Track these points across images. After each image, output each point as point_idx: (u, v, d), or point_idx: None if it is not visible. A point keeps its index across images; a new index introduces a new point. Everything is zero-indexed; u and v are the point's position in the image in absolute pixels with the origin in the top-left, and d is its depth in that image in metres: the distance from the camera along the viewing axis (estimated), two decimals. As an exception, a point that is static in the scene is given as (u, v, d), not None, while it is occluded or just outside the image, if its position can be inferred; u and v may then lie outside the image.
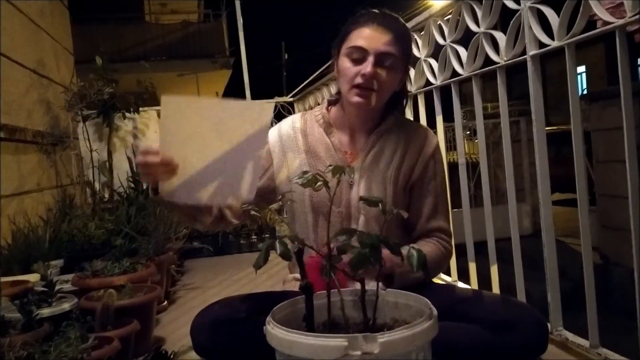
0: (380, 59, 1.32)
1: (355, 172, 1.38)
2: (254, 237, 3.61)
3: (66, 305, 1.53)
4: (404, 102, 1.54)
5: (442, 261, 1.42)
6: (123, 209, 2.69)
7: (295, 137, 1.46)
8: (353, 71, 1.34)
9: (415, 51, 2.14)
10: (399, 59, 1.35)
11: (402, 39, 1.36)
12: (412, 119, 2.24)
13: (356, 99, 1.35)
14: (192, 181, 1.20)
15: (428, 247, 1.37)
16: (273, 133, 1.50)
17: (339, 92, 1.46)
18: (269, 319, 0.92)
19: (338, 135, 1.45)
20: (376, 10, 1.39)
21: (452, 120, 2.05)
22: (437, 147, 1.46)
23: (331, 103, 1.49)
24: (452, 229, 1.48)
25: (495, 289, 1.86)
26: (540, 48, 1.48)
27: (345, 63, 1.36)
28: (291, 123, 1.50)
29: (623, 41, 1.26)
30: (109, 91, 3.27)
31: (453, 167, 2.16)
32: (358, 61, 1.34)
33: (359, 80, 1.33)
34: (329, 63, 1.44)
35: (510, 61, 1.60)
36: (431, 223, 1.41)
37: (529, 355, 1.27)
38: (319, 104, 1.52)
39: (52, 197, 3.14)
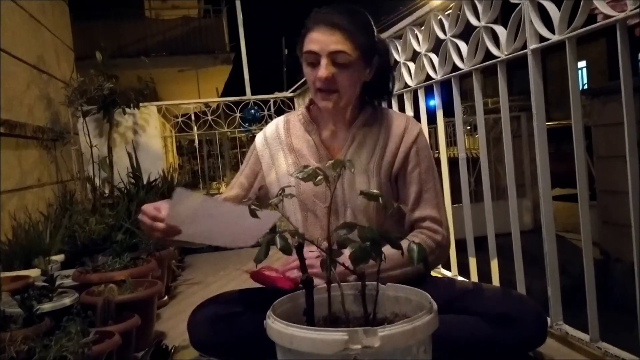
0: (334, 58, 1.32)
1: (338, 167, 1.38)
2: (254, 232, 3.61)
3: (67, 300, 1.53)
4: (388, 89, 1.53)
5: (431, 254, 1.35)
6: (123, 205, 2.69)
7: (280, 138, 1.50)
8: (312, 76, 1.36)
9: (415, 45, 2.14)
10: (354, 52, 1.33)
11: (354, 31, 1.33)
12: (412, 113, 2.24)
13: (321, 102, 1.38)
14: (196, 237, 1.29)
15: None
16: (259, 137, 1.54)
17: None
18: (269, 313, 0.92)
19: (319, 132, 1.47)
20: (325, 9, 1.38)
21: (453, 115, 2.05)
22: (420, 135, 1.44)
23: (312, 102, 1.51)
24: (446, 216, 1.43)
25: (496, 284, 1.86)
26: (541, 42, 1.48)
27: (305, 68, 1.39)
28: (275, 126, 1.54)
29: (624, 35, 1.25)
30: (109, 87, 3.27)
31: (453, 162, 2.16)
32: (314, 65, 1.35)
33: (318, 84, 1.35)
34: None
35: (510, 55, 1.60)
36: (417, 212, 1.39)
37: (529, 347, 1.28)
38: None
39: (53, 193, 3.14)
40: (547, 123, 1.54)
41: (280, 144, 1.49)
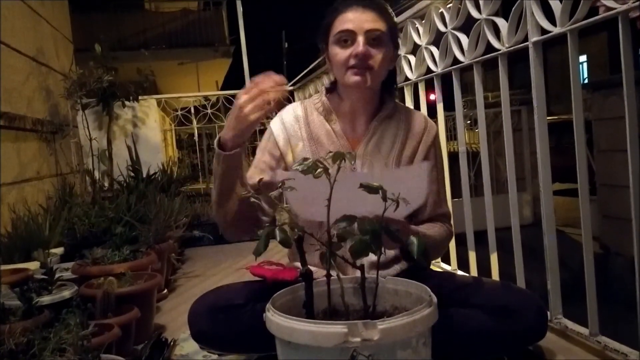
0: (369, 36, 1.33)
1: (358, 159, 1.39)
2: (254, 225, 3.61)
3: (66, 293, 1.53)
4: (396, 82, 1.55)
5: (446, 241, 1.48)
6: (123, 197, 2.69)
7: (298, 125, 1.46)
8: (345, 55, 1.35)
9: (416, 38, 2.13)
10: (387, 33, 1.36)
11: (385, 14, 1.37)
12: (412, 107, 2.23)
13: (353, 78, 1.35)
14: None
15: (435, 228, 1.42)
16: (277, 123, 1.48)
17: (334, 82, 1.46)
18: (268, 306, 0.92)
19: (338, 122, 1.44)
20: None
21: (453, 109, 2.04)
22: (437, 134, 1.49)
23: (329, 91, 1.49)
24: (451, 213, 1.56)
25: (495, 278, 1.86)
26: (542, 34, 1.47)
27: (335, 50, 1.37)
28: (292, 112, 1.49)
29: (626, 27, 1.24)
30: (109, 79, 3.26)
31: (454, 156, 2.15)
32: (348, 44, 1.35)
33: (352, 61, 1.34)
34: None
35: (512, 48, 1.59)
36: (437, 210, 1.45)
37: (529, 340, 1.28)
38: (318, 92, 1.51)
39: (52, 186, 3.14)
40: (547, 117, 1.54)
41: (299, 131, 1.45)
